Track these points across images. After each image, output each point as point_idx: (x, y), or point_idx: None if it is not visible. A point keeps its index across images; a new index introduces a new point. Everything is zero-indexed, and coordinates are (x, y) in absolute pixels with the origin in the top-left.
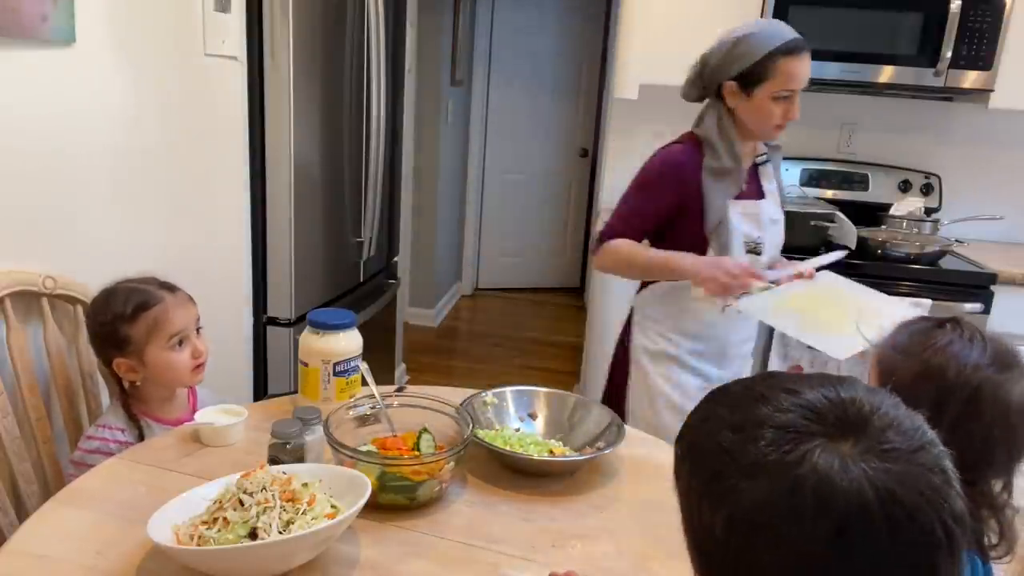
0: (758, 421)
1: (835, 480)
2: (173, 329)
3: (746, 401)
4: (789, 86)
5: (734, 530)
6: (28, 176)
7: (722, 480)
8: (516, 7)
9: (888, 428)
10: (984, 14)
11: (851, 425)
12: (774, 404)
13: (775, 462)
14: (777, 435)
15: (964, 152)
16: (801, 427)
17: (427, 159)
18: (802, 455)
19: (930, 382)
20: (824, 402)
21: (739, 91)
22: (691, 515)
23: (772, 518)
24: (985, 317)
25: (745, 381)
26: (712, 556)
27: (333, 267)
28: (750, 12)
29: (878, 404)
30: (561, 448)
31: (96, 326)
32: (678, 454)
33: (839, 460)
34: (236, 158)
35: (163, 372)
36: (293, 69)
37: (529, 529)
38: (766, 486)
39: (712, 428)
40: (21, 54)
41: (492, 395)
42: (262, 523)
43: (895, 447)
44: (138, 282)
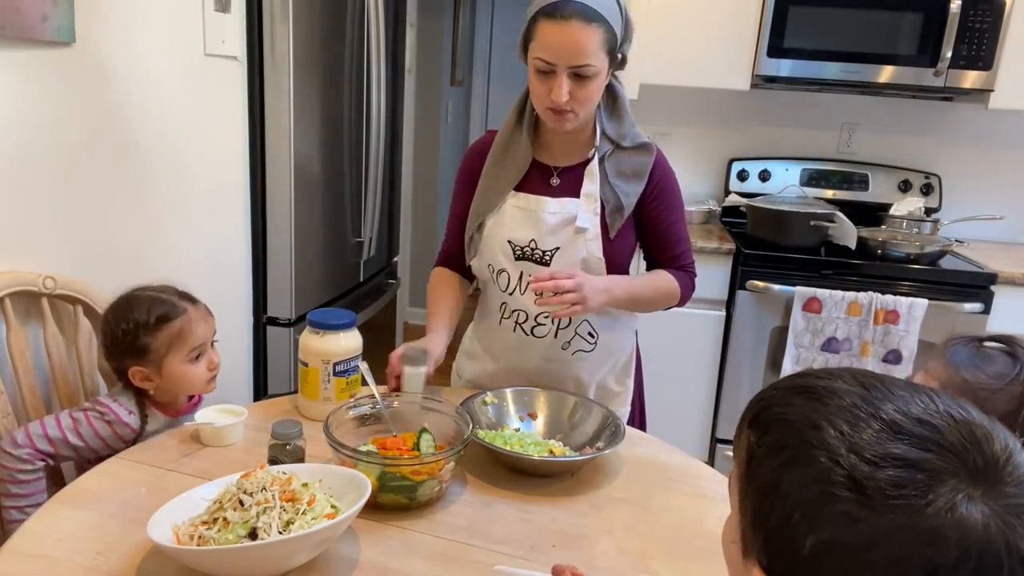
0: (886, 452)
1: (975, 534)
2: (195, 342)
3: (860, 412)
4: (543, 54)
5: (836, 556)
6: (28, 176)
7: (833, 503)
8: (516, 7)
9: (1019, 482)
10: (984, 14)
11: (986, 470)
12: (902, 428)
13: (910, 506)
14: (912, 475)
15: (964, 152)
16: (935, 467)
17: (427, 159)
18: (945, 506)
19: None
20: (960, 439)
21: (522, 56)
22: (771, 517)
23: (893, 560)
24: (985, 317)
25: (851, 380)
26: (795, 569)
27: (333, 267)
28: (750, 12)
29: (1011, 449)
30: (561, 448)
31: (116, 333)
32: (756, 444)
33: (979, 511)
34: (236, 158)
35: (178, 383)
36: (293, 69)
37: (529, 529)
38: (898, 527)
39: (823, 440)
40: (21, 54)
41: (492, 395)
42: (262, 523)
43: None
44: (158, 291)
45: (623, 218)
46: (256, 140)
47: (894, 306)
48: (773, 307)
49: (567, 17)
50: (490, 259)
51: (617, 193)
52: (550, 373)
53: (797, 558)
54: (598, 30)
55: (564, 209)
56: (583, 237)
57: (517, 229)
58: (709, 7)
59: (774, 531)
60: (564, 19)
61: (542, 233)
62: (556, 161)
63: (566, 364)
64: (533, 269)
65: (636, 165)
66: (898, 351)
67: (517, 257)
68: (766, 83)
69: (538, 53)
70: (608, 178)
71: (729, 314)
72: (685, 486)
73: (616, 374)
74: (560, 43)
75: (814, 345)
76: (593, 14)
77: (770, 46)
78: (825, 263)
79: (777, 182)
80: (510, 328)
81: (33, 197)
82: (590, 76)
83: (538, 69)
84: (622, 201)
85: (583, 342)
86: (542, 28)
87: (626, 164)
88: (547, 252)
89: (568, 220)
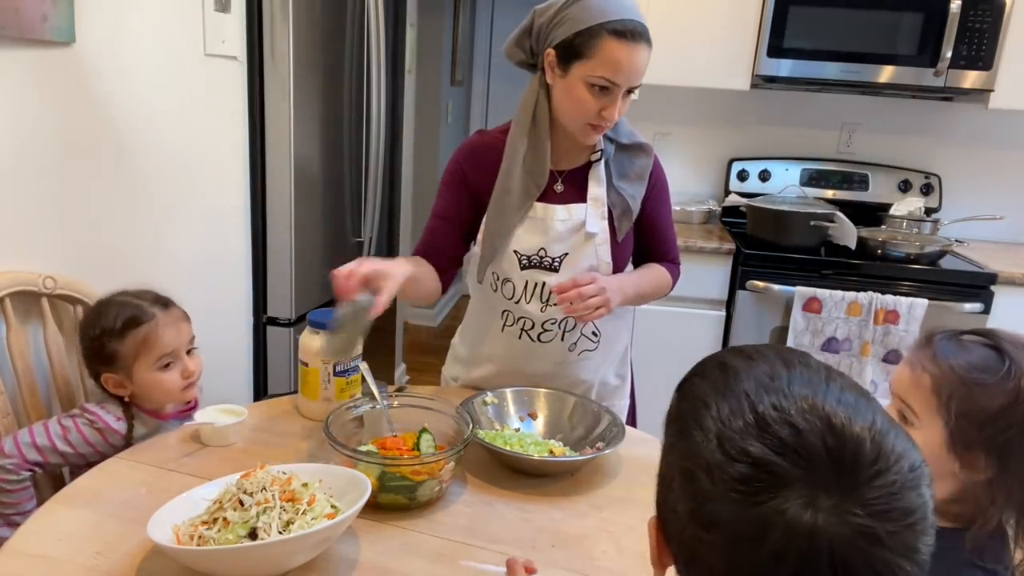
0: (744, 447)
1: (799, 542)
2: (162, 350)
3: (744, 404)
4: (607, 73)
5: (692, 525)
6: (28, 176)
7: (696, 482)
8: (516, 7)
9: (878, 502)
10: (984, 14)
11: (842, 485)
12: (768, 428)
13: (743, 502)
14: (753, 474)
15: (964, 152)
16: (782, 471)
17: (427, 159)
18: (775, 509)
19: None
20: (821, 450)
21: (557, 63)
22: (665, 474)
23: (729, 544)
24: (985, 317)
25: (762, 365)
26: (668, 520)
27: (333, 267)
28: (750, 12)
29: (884, 467)
30: (561, 448)
31: (85, 339)
32: (673, 408)
33: (812, 521)
34: (236, 158)
35: (151, 391)
36: (293, 69)
37: (529, 529)
38: (732, 516)
39: (705, 423)
40: (21, 54)
41: (492, 395)
42: (262, 523)
43: (873, 527)
44: (132, 295)
45: (631, 221)
46: (256, 140)
47: (894, 306)
48: (773, 307)
49: (637, 39)
50: (495, 268)
51: (624, 196)
52: (557, 377)
53: (672, 518)
54: (649, 52)
55: (572, 216)
56: (592, 242)
57: (524, 238)
58: (709, 7)
59: (664, 490)
60: (635, 41)
61: (550, 240)
62: (558, 165)
63: (572, 366)
64: (541, 277)
65: (638, 167)
66: (898, 351)
67: (523, 267)
68: (766, 83)
69: (601, 72)
70: (613, 181)
71: (729, 314)
72: None
73: (615, 367)
74: (631, 65)
75: (814, 345)
76: (649, 37)
77: (770, 46)
78: (825, 263)
79: (777, 182)
80: (515, 335)
81: (33, 197)
82: (636, 93)
83: (594, 86)
84: (630, 204)
85: (588, 342)
86: (609, 46)
87: (628, 167)
88: (556, 259)
89: (576, 226)
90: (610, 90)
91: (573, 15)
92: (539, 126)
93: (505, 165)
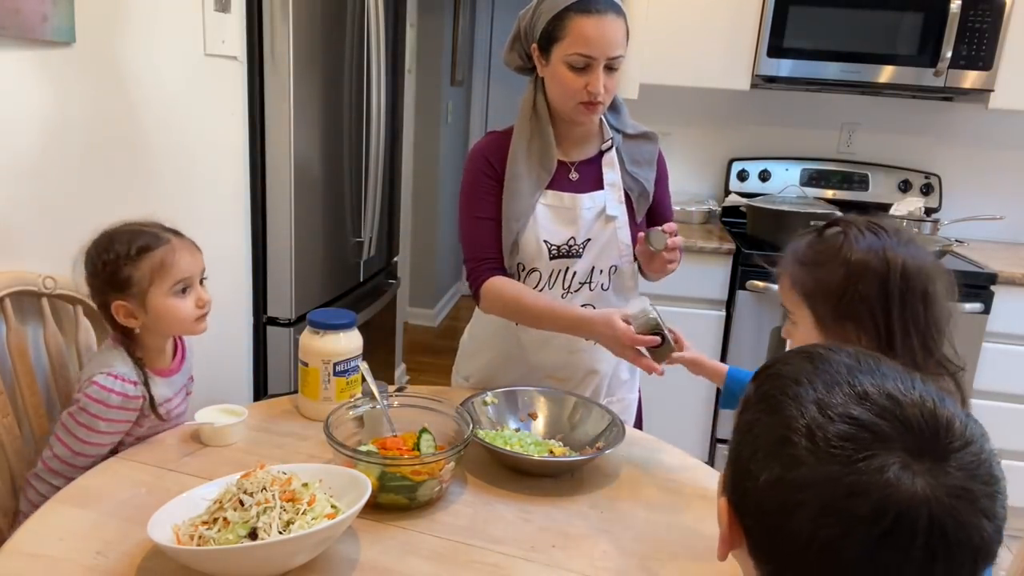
0: (845, 409)
1: (898, 497)
2: (179, 274)
3: (841, 380)
4: (580, 49)
5: (778, 491)
6: (28, 176)
7: (788, 447)
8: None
9: (967, 467)
10: (984, 14)
11: (936, 450)
12: (869, 396)
13: (847, 459)
14: (858, 433)
15: (964, 152)
16: (885, 434)
17: (427, 159)
18: (877, 466)
19: (861, 279)
20: (918, 416)
21: (540, 54)
22: (742, 453)
23: (822, 504)
24: (985, 317)
25: (850, 354)
26: (746, 496)
27: (333, 267)
28: (750, 12)
29: (969, 439)
30: (561, 448)
31: (97, 265)
32: (754, 394)
33: (910, 480)
34: (236, 158)
35: (165, 319)
36: (293, 69)
37: (529, 529)
38: (829, 475)
39: (799, 393)
40: (21, 54)
41: (492, 395)
42: (262, 523)
43: (966, 487)
44: (141, 224)
45: (648, 202)
46: (256, 140)
47: None
48: (773, 307)
49: (603, 11)
50: (520, 258)
51: (640, 180)
52: (572, 366)
53: (751, 489)
54: (623, 22)
55: (596, 203)
56: (612, 226)
57: (554, 229)
58: (709, 7)
59: (741, 466)
60: (600, 13)
61: (581, 229)
62: (570, 156)
63: (587, 355)
64: (564, 264)
65: (646, 153)
66: None
67: (552, 256)
68: (766, 83)
69: (575, 49)
70: (626, 167)
71: (729, 314)
72: (685, 486)
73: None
74: (601, 36)
75: None
76: (619, 7)
77: (770, 46)
78: None
79: (777, 182)
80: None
81: (33, 197)
82: (618, 67)
83: (573, 65)
84: (646, 187)
85: None
86: (577, 24)
87: (638, 153)
88: (581, 245)
89: (600, 212)
90: (589, 65)
91: (545, 8)
92: (540, 116)
93: (512, 152)
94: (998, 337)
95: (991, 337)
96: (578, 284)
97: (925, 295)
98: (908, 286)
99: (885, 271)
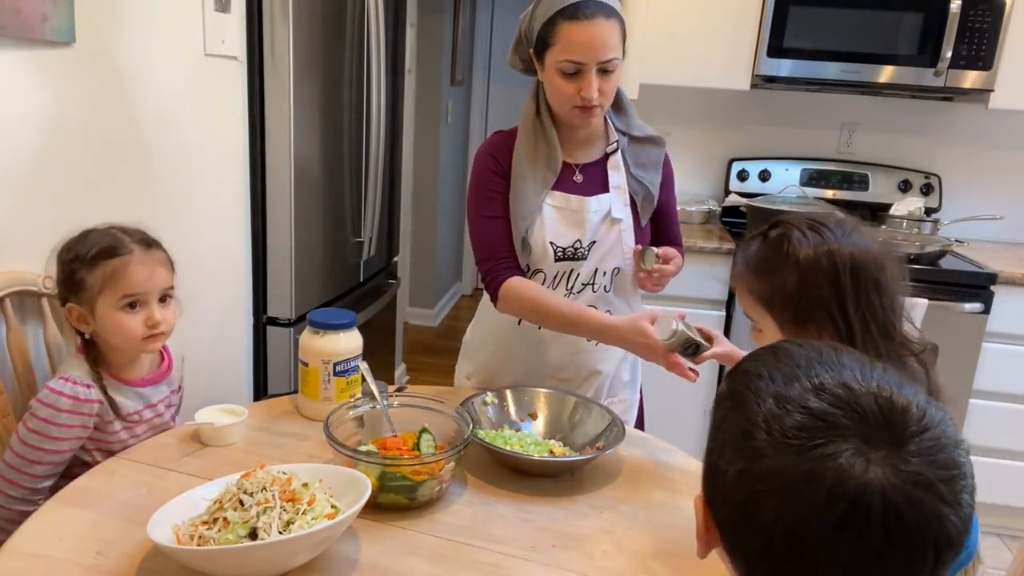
0: (800, 401)
1: (852, 484)
2: (128, 288)
3: (799, 373)
4: (570, 55)
5: (744, 484)
6: (28, 176)
7: (750, 440)
8: (516, 7)
9: (924, 453)
10: (984, 14)
11: (891, 436)
12: (821, 385)
13: (801, 447)
14: (812, 422)
15: (964, 152)
16: (839, 423)
17: (427, 159)
18: (831, 453)
19: (813, 282)
20: (872, 405)
21: (535, 59)
22: (713, 450)
23: (783, 493)
24: (985, 317)
25: (810, 348)
26: (718, 492)
27: (333, 267)
28: (750, 12)
29: (927, 425)
30: (561, 448)
31: (60, 263)
32: (724, 391)
33: (863, 466)
34: (236, 158)
35: (110, 331)
36: (293, 69)
37: (529, 529)
38: (787, 464)
39: (759, 388)
40: (21, 54)
41: (492, 395)
42: (262, 523)
43: (921, 473)
44: (120, 229)
45: (653, 206)
46: (256, 140)
47: None
48: None
49: (591, 16)
50: (527, 259)
51: (644, 183)
52: (574, 366)
53: (721, 484)
54: (617, 23)
55: (603, 206)
56: (618, 228)
57: (561, 231)
58: (709, 7)
59: (712, 462)
60: (589, 18)
61: (587, 232)
62: (575, 159)
63: (590, 356)
64: (569, 266)
65: (652, 156)
66: None
67: (558, 258)
68: (766, 83)
69: (565, 55)
70: (631, 170)
71: (729, 314)
72: (685, 486)
73: (630, 362)
74: (589, 41)
75: None
76: (610, 9)
77: (770, 46)
78: None
79: (777, 182)
80: (534, 326)
81: (33, 197)
82: (614, 70)
83: (564, 71)
84: (650, 190)
85: None
86: (566, 30)
87: (644, 156)
88: (586, 247)
89: (605, 215)
90: (581, 71)
91: (539, 12)
92: (543, 118)
93: (516, 153)
94: (998, 337)
95: (991, 337)
96: (580, 285)
97: (877, 284)
98: (859, 279)
99: (834, 270)
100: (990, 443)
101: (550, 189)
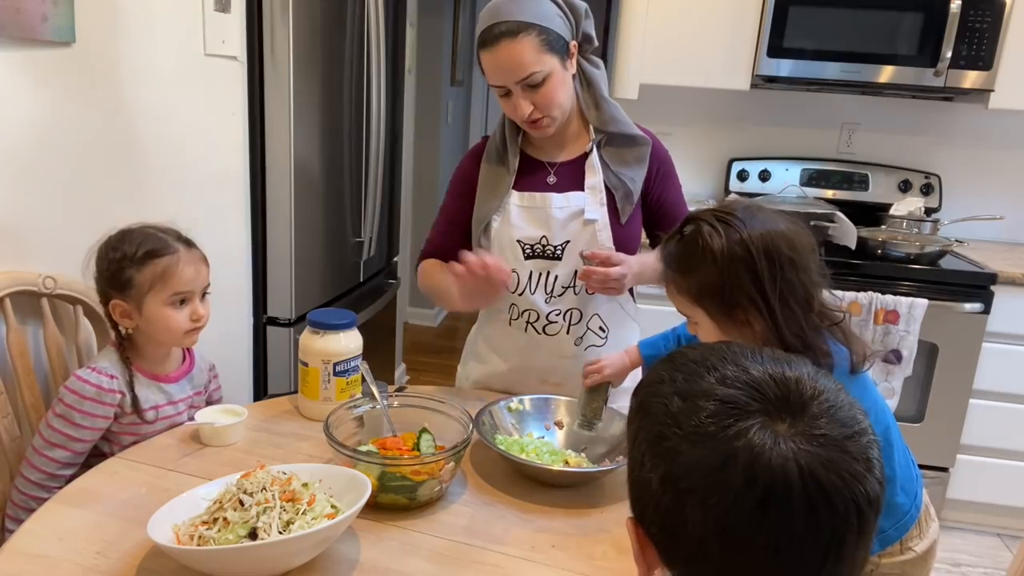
0: (704, 392)
1: (765, 458)
2: (179, 286)
3: (697, 369)
4: (491, 81)
5: (668, 487)
6: (28, 176)
7: (664, 441)
8: None
9: (824, 415)
10: (984, 14)
11: (791, 406)
12: (723, 377)
13: (713, 434)
14: (720, 408)
15: (964, 152)
16: (743, 403)
17: (427, 159)
18: (739, 431)
19: (732, 272)
20: (769, 381)
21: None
22: (635, 466)
23: (703, 484)
24: (985, 317)
25: (702, 348)
26: (647, 506)
27: (333, 267)
28: (750, 12)
29: (821, 389)
30: (576, 459)
31: (103, 261)
32: (632, 407)
33: (772, 439)
34: (236, 158)
35: (157, 327)
36: (293, 69)
37: (529, 529)
38: (702, 454)
39: (663, 391)
40: (21, 54)
41: (517, 401)
42: (262, 523)
43: (826, 433)
44: (156, 228)
45: (633, 204)
46: (256, 140)
47: (894, 306)
48: None
49: (496, 40)
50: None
51: (623, 180)
52: (562, 370)
53: (649, 497)
54: (527, 38)
55: (571, 203)
56: (592, 228)
57: (526, 228)
58: (709, 7)
59: (635, 477)
60: (493, 44)
61: (552, 229)
62: (552, 157)
63: (578, 360)
64: (544, 266)
65: (636, 153)
66: (898, 351)
67: (527, 256)
68: (766, 83)
69: (490, 81)
70: (611, 167)
71: None
72: None
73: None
74: (497, 67)
75: None
76: (517, 27)
77: (770, 46)
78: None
79: (777, 182)
80: (521, 328)
81: (33, 197)
82: (541, 82)
83: (499, 94)
84: (630, 187)
85: (595, 337)
86: (483, 59)
87: (626, 153)
88: (558, 247)
89: (576, 213)
90: (508, 92)
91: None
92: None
93: (487, 155)
94: (998, 337)
95: (991, 337)
96: (561, 288)
97: (791, 261)
98: (773, 260)
99: (749, 256)
100: (990, 443)
101: (516, 189)
